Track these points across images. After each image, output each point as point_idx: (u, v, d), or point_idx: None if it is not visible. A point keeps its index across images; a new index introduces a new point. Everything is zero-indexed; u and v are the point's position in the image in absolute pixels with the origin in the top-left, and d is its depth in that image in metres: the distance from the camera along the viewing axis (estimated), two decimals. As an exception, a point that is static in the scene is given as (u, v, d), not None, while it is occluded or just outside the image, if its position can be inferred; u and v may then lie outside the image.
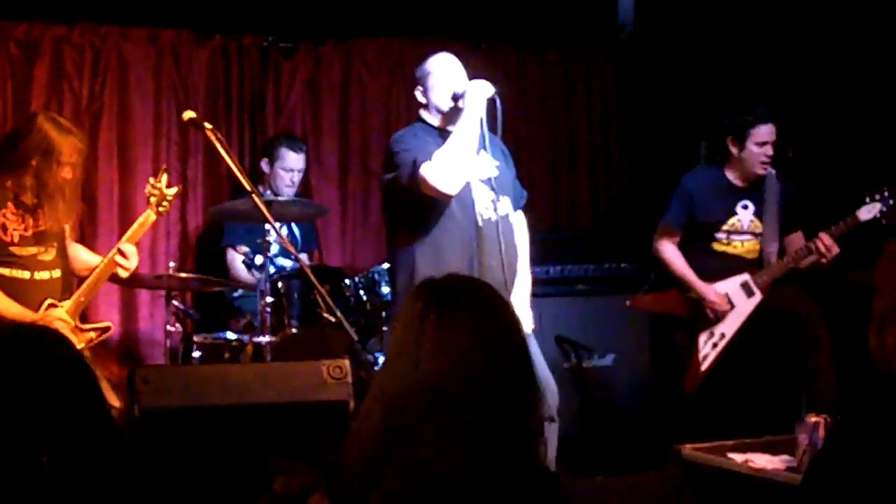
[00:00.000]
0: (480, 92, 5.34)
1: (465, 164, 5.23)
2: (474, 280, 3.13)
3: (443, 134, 5.40)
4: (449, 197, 5.21)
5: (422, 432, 2.61)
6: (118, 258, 5.37)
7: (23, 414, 2.46)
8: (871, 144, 6.98)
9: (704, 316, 6.38)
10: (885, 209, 6.15)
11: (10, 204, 5.24)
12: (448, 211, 5.30)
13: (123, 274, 5.43)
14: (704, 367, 6.34)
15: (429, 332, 2.74)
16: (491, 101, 5.36)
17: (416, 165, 5.18)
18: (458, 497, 2.57)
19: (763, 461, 4.88)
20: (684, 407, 6.45)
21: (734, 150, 6.44)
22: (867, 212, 6.17)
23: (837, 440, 3.03)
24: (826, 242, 6.14)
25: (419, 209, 5.29)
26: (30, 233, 5.27)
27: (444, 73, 5.48)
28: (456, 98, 5.38)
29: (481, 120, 5.34)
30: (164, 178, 5.52)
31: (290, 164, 7.00)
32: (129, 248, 5.40)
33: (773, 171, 6.50)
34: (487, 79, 5.43)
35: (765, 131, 6.37)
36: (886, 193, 6.16)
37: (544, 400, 4.38)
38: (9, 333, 2.61)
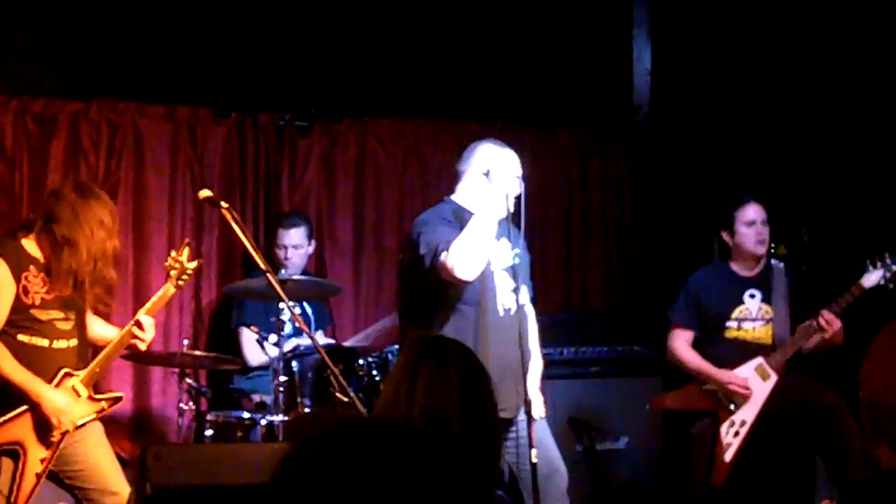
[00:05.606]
0: (508, 169, 5.31)
1: (482, 249, 5.12)
2: (459, 343, 3.49)
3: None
4: (466, 282, 5.13)
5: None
6: (135, 330, 5.36)
7: None
8: (888, 228, 6.97)
9: (726, 405, 6.31)
10: (888, 275, 6.14)
11: (32, 267, 5.20)
12: (466, 300, 5.22)
13: (141, 346, 5.41)
14: (729, 457, 6.24)
15: (422, 380, 3.12)
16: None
17: (437, 252, 5.11)
18: None
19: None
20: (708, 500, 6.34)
21: (729, 240, 6.52)
22: (870, 279, 6.16)
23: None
24: (827, 317, 6.10)
25: (436, 296, 5.22)
26: (52, 296, 5.23)
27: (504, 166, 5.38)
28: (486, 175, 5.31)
29: (507, 201, 5.25)
30: (186, 251, 5.48)
31: (280, 240, 7.03)
32: (147, 320, 5.37)
33: (781, 265, 6.53)
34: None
35: (750, 210, 6.45)
36: (888, 259, 6.16)
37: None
38: None
